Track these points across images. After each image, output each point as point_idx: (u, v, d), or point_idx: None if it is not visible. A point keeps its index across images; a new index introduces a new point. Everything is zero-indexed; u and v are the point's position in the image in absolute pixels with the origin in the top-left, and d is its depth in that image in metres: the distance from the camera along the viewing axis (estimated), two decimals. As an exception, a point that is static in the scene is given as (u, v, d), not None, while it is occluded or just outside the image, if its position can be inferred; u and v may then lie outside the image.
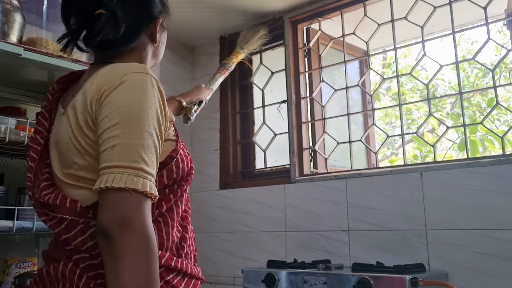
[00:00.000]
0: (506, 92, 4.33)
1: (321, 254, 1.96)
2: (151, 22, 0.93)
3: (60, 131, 0.83)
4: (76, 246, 0.78)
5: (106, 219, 0.70)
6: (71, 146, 0.79)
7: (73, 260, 0.78)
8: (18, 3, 1.49)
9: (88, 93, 0.78)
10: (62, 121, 0.83)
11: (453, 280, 1.60)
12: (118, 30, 0.85)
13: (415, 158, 4.21)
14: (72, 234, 0.78)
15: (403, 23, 2.04)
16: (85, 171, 0.79)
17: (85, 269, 0.77)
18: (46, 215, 0.81)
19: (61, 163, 0.82)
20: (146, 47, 0.94)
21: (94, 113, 0.77)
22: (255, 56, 2.57)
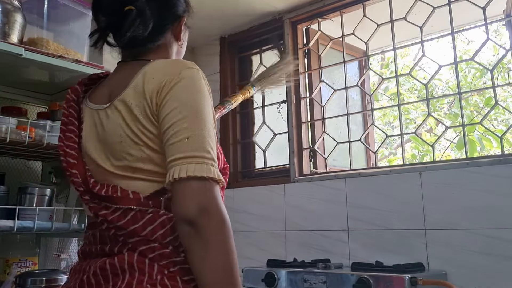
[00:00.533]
0: (504, 92, 4.35)
1: (320, 254, 1.97)
2: (176, 21, 0.96)
3: (107, 126, 0.84)
4: (146, 236, 0.77)
5: (191, 207, 0.72)
6: (125, 139, 0.81)
7: (139, 251, 0.77)
8: (19, 4, 1.49)
9: (145, 86, 0.80)
10: (109, 116, 0.83)
11: (452, 279, 1.61)
12: (146, 27, 0.87)
13: (414, 158, 4.23)
14: (140, 224, 0.78)
15: (402, 23, 2.05)
16: (142, 162, 0.80)
17: (155, 259, 0.77)
18: (107, 208, 0.80)
19: (110, 156, 0.83)
20: (172, 45, 0.96)
21: (155, 105, 0.79)
22: (255, 56, 2.58)
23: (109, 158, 0.84)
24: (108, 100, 0.87)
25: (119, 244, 0.79)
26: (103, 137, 0.85)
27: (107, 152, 0.84)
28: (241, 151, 2.52)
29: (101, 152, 0.85)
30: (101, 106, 0.86)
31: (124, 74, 0.88)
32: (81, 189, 0.84)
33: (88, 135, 0.88)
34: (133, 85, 0.82)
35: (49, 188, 1.61)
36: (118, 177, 0.82)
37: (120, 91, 0.84)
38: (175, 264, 0.77)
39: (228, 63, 2.56)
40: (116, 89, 0.86)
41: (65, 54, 1.55)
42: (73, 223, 1.60)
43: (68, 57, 1.54)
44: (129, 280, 0.75)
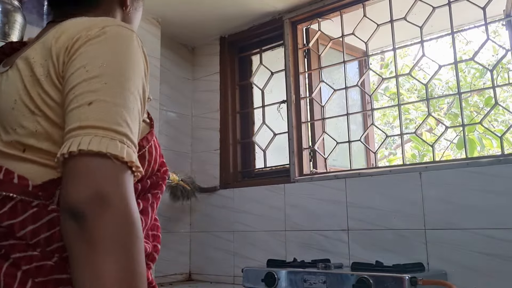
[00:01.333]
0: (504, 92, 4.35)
1: (320, 254, 1.97)
2: None
3: (4, 91, 0.66)
4: (23, 239, 0.57)
5: (77, 193, 0.52)
6: (19, 105, 0.62)
7: (12, 259, 0.56)
8: (18, 4, 1.49)
9: (53, 42, 0.63)
10: (7, 77, 0.66)
11: (452, 279, 1.61)
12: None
13: (414, 158, 4.23)
14: (18, 220, 0.56)
15: (402, 23, 2.05)
16: (36, 138, 0.61)
17: (31, 273, 0.56)
18: None
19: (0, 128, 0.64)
20: (114, 11, 0.78)
21: (62, 64, 0.61)
22: (255, 56, 2.58)
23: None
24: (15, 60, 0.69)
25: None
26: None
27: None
28: (241, 151, 2.52)
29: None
30: (3, 69, 0.69)
31: (43, 32, 0.71)
32: None
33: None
34: (42, 40, 0.65)
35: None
36: (3, 156, 0.62)
37: (25, 50, 0.68)
38: (57, 284, 0.56)
39: (228, 63, 2.56)
40: (26, 49, 0.69)
41: None
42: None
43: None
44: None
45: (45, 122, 0.60)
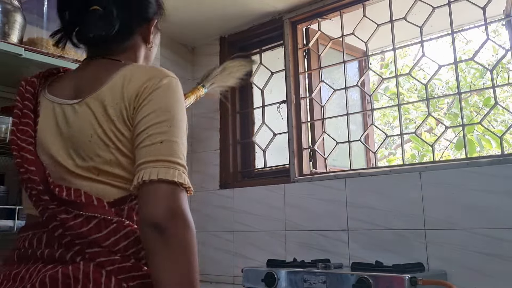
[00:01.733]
0: (503, 92, 4.35)
1: (320, 254, 1.97)
2: (146, 23, 0.93)
3: (74, 122, 0.80)
4: (107, 247, 0.73)
5: (160, 211, 0.71)
6: (95, 139, 0.77)
7: (97, 262, 0.72)
8: (18, 4, 1.49)
9: (124, 89, 0.78)
10: (76, 112, 0.80)
11: (452, 279, 1.61)
12: (111, 28, 0.85)
13: (413, 158, 4.23)
14: (103, 233, 0.73)
15: (402, 23, 2.05)
16: (110, 165, 0.77)
17: (114, 272, 0.72)
18: (67, 212, 0.74)
19: (74, 154, 0.79)
20: (140, 47, 0.93)
21: (133, 109, 0.77)
22: (255, 56, 2.58)
23: (72, 157, 0.79)
24: (74, 95, 0.83)
25: (72, 252, 0.73)
26: (68, 134, 0.80)
27: (70, 150, 0.79)
28: (241, 151, 2.52)
29: (61, 148, 0.80)
30: (67, 101, 0.82)
31: (95, 71, 0.85)
32: (39, 188, 0.76)
33: (46, 128, 0.83)
34: (110, 85, 0.80)
35: (49, 188, 1.61)
36: (79, 178, 0.78)
37: (92, 88, 0.81)
38: (134, 279, 0.73)
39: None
40: (87, 86, 0.82)
41: (64, 54, 1.55)
42: (73, 223, 1.59)
43: (68, 57, 1.54)
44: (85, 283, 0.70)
45: (117, 153, 0.77)
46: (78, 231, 0.73)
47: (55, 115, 0.83)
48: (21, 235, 0.82)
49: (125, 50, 0.90)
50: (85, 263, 0.72)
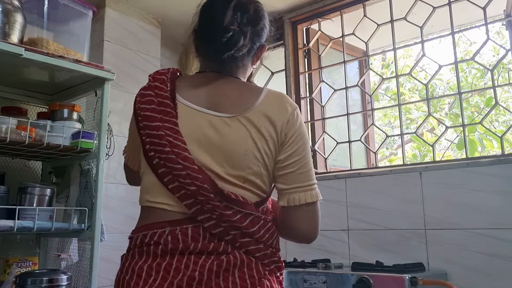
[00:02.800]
0: (505, 92, 4.34)
1: (320, 254, 1.97)
2: (261, 47, 1.02)
3: (228, 135, 0.90)
4: (256, 239, 0.88)
5: (312, 228, 0.95)
6: (249, 154, 0.90)
7: (247, 250, 0.87)
8: (19, 4, 1.50)
9: (271, 115, 0.92)
10: (231, 126, 0.91)
11: (452, 279, 1.61)
12: (245, 48, 0.95)
13: (415, 157, 4.23)
14: (256, 228, 0.88)
15: (403, 23, 2.05)
16: (255, 176, 0.91)
17: (260, 258, 0.88)
18: (231, 209, 0.87)
19: (224, 163, 0.90)
20: (249, 67, 1.04)
21: (283, 135, 0.92)
22: (255, 56, 2.58)
23: (222, 164, 0.90)
24: (211, 106, 0.93)
25: (224, 241, 0.87)
26: (220, 144, 0.90)
27: (221, 159, 0.90)
28: (241, 151, 2.51)
29: (208, 155, 0.90)
30: (215, 113, 0.92)
31: (232, 89, 0.96)
32: (204, 185, 0.86)
33: (191, 135, 0.91)
34: (259, 109, 0.92)
35: (49, 188, 1.61)
36: (227, 183, 0.89)
37: (239, 107, 0.92)
38: (273, 263, 0.90)
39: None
40: (230, 103, 0.93)
41: (65, 54, 1.55)
42: (73, 223, 1.59)
43: (68, 57, 1.55)
44: (239, 274, 0.86)
45: (262, 167, 0.91)
46: (236, 224, 0.87)
47: (200, 124, 0.91)
48: (153, 231, 0.88)
49: (240, 68, 1.00)
50: (238, 250, 0.87)
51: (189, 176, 0.86)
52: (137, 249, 0.89)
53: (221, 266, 0.84)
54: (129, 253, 0.90)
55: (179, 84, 0.97)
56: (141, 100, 0.95)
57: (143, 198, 0.93)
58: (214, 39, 0.94)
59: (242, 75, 1.02)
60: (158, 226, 0.88)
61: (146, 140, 0.91)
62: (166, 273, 0.84)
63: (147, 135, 0.91)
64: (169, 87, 0.96)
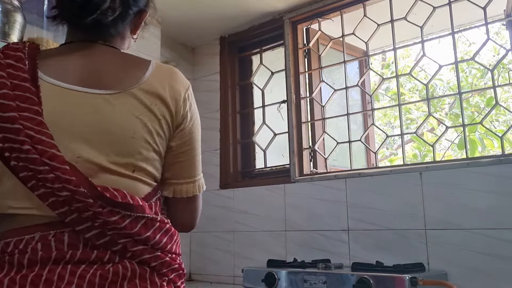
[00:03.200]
0: (505, 92, 4.34)
1: (321, 254, 1.97)
2: (138, 13, 0.90)
3: (111, 116, 0.76)
4: (153, 245, 0.76)
5: (194, 219, 0.92)
6: (138, 136, 0.77)
7: (141, 259, 0.75)
8: (18, 4, 1.49)
9: (162, 93, 0.80)
10: (115, 105, 0.76)
11: (452, 279, 1.61)
12: (114, 12, 0.82)
13: (415, 158, 4.22)
14: (150, 233, 0.76)
15: (403, 23, 2.05)
16: (145, 162, 0.79)
17: (157, 268, 0.76)
18: (117, 213, 0.72)
19: (109, 150, 0.75)
20: (127, 37, 0.90)
21: (178, 118, 0.83)
22: (255, 56, 2.58)
23: (107, 153, 0.75)
24: (81, 81, 0.77)
25: (111, 251, 0.73)
26: (101, 127, 0.75)
27: (103, 145, 0.75)
28: (241, 151, 2.52)
29: (86, 144, 0.74)
30: (93, 90, 0.76)
31: (111, 61, 0.82)
32: (80, 189, 0.70)
33: (61, 122, 0.74)
34: (147, 85, 0.79)
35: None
36: (113, 174, 0.75)
37: (123, 82, 0.78)
38: (172, 272, 0.79)
39: (228, 63, 2.56)
40: (111, 77, 0.79)
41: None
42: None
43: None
44: (129, 286, 0.72)
45: (154, 152, 0.80)
46: (126, 231, 0.73)
47: (74, 105, 0.75)
48: (19, 238, 0.72)
49: (115, 36, 0.87)
50: (129, 261, 0.74)
51: (59, 179, 0.69)
52: (11, 257, 0.70)
53: (106, 278, 0.70)
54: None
55: (41, 60, 0.79)
56: None
57: (4, 204, 0.74)
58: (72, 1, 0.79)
59: (120, 44, 0.88)
60: (25, 231, 0.72)
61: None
62: (34, 287, 0.67)
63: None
64: (28, 65, 0.77)
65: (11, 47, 0.80)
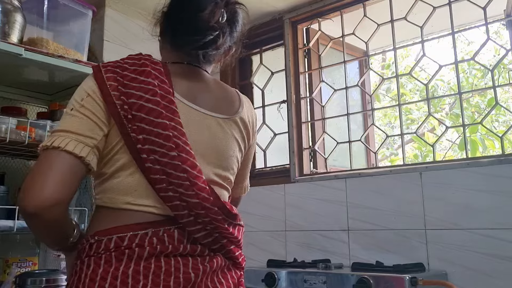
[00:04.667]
0: (505, 92, 4.34)
1: (321, 254, 1.97)
2: (230, 48, 0.99)
3: (222, 136, 0.90)
4: (239, 245, 0.92)
5: None
6: (234, 155, 0.93)
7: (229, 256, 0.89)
8: (18, 4, 1.49)
9: (247, 119, 0.96)
10: (223, 127, 0.90)
11: (452, 279, 1.61)
12: (221, 48, 0.93)
13: (416, 158, 4.22)
14: (240, 236, 0.92)
15: (403, 23, 2.05)
16: (233, 176, 0.95)
17: (240, 262, 0.92)
18: (227, 222, 0.87)
19: (214, 165, 0.89)
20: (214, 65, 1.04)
21: (251, 139, 0.99)
22: (255, 56, 2.58)
23: (214, 165, 0.88)
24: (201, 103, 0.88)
25: (217, 250, 0.87)
26: (213, 145, 0.88)
27: (213, 160, 0.88)
28: (241, 151, 2.51)
29: (201, 157, 0.85)
30: (211, 113, 0.89)
31: (217, 89, 0.96)
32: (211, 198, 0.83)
33: (192, 134, 0.84)
34: (243, 111, 0.96)
35: (49, 188, 1.60)
36: (215, 184, 0.88)
37: (227, 109, 0.93)
38: (245, 264, 0.95)
39: (228, 63, 2.56)
40: (219, 103, 0.92)
41: (65, 54, 1.55)
42: (73, 223, 1.59)
43: (68, 57, 1.55)
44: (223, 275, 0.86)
45: (238, 167, 0.96)
46: (228, 235, 0.86)
47: (195, 122, 0.86)
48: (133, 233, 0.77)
49: (212, 64, 0.99)
50: (221, 255, 0.87)
51: (194, 186, 0.78)
52: (113, 253, 0.75)
53: (212, 268, 0.83)
54: (101, 258, 0.75)
55: (172, 79, 0.87)
56: (130, 84, 0.80)
57: (120, 199, 0.79)
58: (196, 33, 0.87)
59: (209, 69, 0.98)
60: (137, 227, 0.77)
61: (138, 138, 0.78)
62: (156, 277, 0.75)
63: (142, 131, 0.78)
64: (168, 80, 0.85)
65: (151, 60, 0.88)
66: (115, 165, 0.80)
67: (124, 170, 0.80)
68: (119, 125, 0.79)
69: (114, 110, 0.79)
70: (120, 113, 0.79)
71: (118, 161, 0.80)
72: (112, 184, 0.81)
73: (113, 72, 0.83)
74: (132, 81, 0.81)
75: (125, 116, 0.79)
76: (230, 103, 0.94)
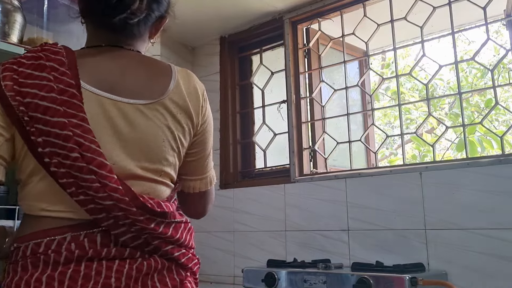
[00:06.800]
0: (505, 92, 4.34)
1: (321, 254, 1.97)
2: (160, 18, 0.91)
3: (143, 125, 0.79)
4: (181, 244, 0.84)
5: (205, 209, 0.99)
6: (166, 144, 0.82)
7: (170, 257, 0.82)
8: (18, 3, 1.49)
9: (187, 101, 0.85)
10: (146, 115, 0.79)
11: (452, 279, 1.61)
12: (141, 13, 0.83)
13: (414, 158, 4.22)
14: (179, 234, 0.83)
15: (403, 23, 2.05)
16: (169, 167, 0.84)
17: (184, 262, 0.84)
18: (153, 221, 0.77)
19: (140, 157, 0.79)
20: (146, 40, 0.92)
21: (198, 123, 0.87)
22: (255, 56, 2.58)
23: (139, 159, 0.78)
24: (115, 90, 0.78)
25: (150, 252, 0.79)
26: (133, 136, 0.78)
27: (136, 152, 0.78)
28: (241, 151, 2.52)
29: (118, 149, 0.76)
30: (127, 100, 0.78)
31: (136, 67, 0.84)
32: (126, 199, 0.73)
33: (98, 126, 0.75)
34: (173, 93, 0.83)
35: (49, 188, 1.60)
36: (143, 180, 0.79)
37: (152, 91, 0.81)
38: (195, 265, 0.88)
39: (228, 63, 2.56)
40: (141, 86, 0.81)
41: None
42: (73, 223, 1.59)
43: (68, 57, 1.54)
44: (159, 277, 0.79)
45: (176, 157, 0.85)
46: (160, 235, 0.79)
47: (111, 114, 0.77)
48: (50, 239, 0.73)
49: (137, 39, 0.88)
50: (158, 256, 0.80)
51: (105, 187, 0.71)
52: (29, 260, 0.72)
53: (141, 270, 0.75)
54: (18, 265, 0.72)
55: (79, 67, 0.78)
56: (25, 82, 0.73)
57: (36, 206, 0.75)
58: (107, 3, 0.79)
59: (140, 47, 0.90)
60: (55, 232, 0.73)
61: (38, 141, 0.71)
62: (73, 282, 0.70)
63: (41, 132, 0.71)
64: (71, 71, 0.76)
65: (50, 50, 0.79)
66: (26, 171, 0.76)
67: (35, 175, 0.75)
68: (19, 128, 0.73)
69: (12, 112, 0.72)
70: (18, 115, 0.72)
71: (28, 166, 0.76)
72: (27, 190, 0.77)
73: (10, 70, 0.74)
74: (27, 77, 0.73)
75: (23, 118, 0.72)
76: (158, 84, 0.82)
